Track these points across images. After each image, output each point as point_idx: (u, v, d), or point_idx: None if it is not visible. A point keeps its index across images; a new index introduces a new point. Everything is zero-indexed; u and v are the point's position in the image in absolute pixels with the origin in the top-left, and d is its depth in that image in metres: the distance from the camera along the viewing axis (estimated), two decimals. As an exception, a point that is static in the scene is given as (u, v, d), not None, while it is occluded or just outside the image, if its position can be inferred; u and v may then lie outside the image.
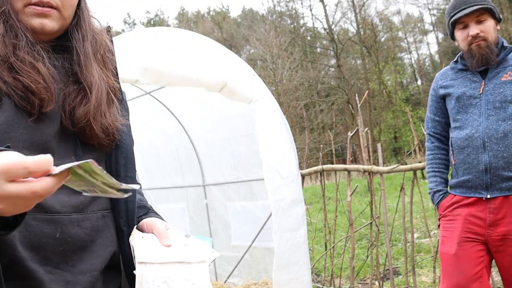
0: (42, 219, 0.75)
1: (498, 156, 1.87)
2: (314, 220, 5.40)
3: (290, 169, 3.02)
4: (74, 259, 0.78)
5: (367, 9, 24.22)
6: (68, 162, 0.79)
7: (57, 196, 0.78)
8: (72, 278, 0.77)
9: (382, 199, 3.21)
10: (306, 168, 3.78)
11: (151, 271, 0.79)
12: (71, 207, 0.79)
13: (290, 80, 21.33)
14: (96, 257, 0.82)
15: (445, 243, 2.00)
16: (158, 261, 0.80)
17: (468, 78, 2.01)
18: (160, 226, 0.89)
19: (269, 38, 21.72)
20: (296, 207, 3.01)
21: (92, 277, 0.80)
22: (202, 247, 0.87)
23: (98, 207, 0.86)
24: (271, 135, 2.97)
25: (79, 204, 0.81)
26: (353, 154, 3.91)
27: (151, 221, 0.92)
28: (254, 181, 3.80)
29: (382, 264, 3.62)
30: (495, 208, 1.88)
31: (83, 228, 0.80)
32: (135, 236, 0.86)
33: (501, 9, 14.44)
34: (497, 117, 1.90)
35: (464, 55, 2.02)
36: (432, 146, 2.16)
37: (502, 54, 1.96)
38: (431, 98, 2.19)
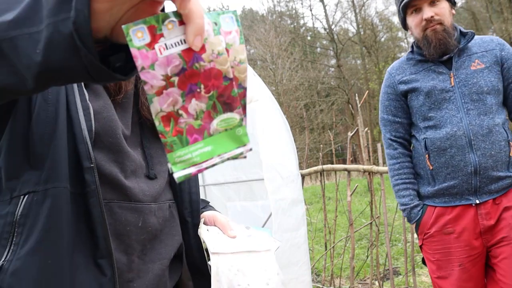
0: (127, 207, 0.76)
1: (487, 155, 1.66)
2: (314, 220, 5.40)
3: (290, 169, 3.02)
4: (149, 248, 0.80)
5: (367, 9, 24.25)
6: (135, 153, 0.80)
7: (139, 183, 0.79)
8: (143, 266, 0.78)
9: (382, 199, 3.21)
10: (306, 168, 3.78)
11: (225, 261, 0.82)
12: (150, 196, 0.81)
13: (290, 80, 21.34)
14: (164, 246, 0.83)
15: (442, 267, 1.74)
16: (229, 251, 0.84)
17: (432, 69, 1.77)
18: (222, 219, 0.92)
19: (269, 38, 21.72)
20: (296, 207, 3.01)
21: (162, 265, 0.81)
22: (264, 237, 0.91)
23: (166, 197, 0.87)
24: (271, 135, 2.97)
25: (155, 193, 0.82)
26: (353, 154, 3.92)
27: (212, 214, 0.94)
28: (254, 181, 3.80)
29: (382, 264, 3.62)
30: (487, 214, 1.68)
31: (157, 217, 0.82)
32: (202, 229, 0.88)
33: (501, 8, 14.44)
34: (478, 111, 1.68)
35: (419, 43, 1.79)
36: (397, 153, 1.86)
37: (462, 42, 1.76)
38: (388, 97, 1.89)
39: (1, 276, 0.65)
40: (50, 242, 0.66)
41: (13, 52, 0.50)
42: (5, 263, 0.65)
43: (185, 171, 0.50)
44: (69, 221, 0.68)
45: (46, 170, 0.68)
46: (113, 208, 0.75)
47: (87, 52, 0.47)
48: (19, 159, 0.68)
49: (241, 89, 0.53)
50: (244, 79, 0.53)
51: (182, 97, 0.50)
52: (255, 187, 3.77)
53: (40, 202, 0.67)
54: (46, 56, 0.48)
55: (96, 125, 0.74)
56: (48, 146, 0.68)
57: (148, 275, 0.79)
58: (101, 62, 0.49)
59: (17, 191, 0.68)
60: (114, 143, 0.77)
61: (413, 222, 1.81)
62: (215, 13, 0.52)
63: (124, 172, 0.77)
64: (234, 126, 0.52)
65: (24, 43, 0.49)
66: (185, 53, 0.49)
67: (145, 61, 0.48)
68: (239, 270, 0.82)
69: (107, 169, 0.75)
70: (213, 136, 0.52)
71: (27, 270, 0.65)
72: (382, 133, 1.93)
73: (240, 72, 0.52)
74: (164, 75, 0.49)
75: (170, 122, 0.50)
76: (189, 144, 0.51)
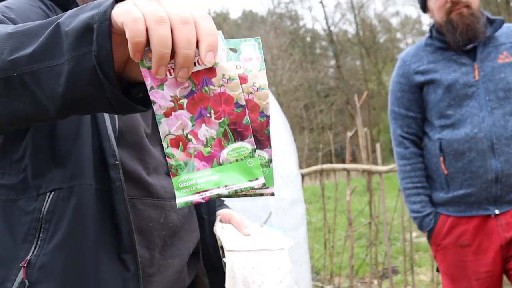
0: (149, 204, 0.78)
1: (511, 161, 1.46)
2: (313, 219, 5.42)
3: (290, 169, 3.05)
4: (169, 244, 0.82)
5: (366, 10, 24.28)
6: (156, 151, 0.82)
7: (160, 181, 0.81)
8: (163, 261, 0.80)
9: (381, 198, 3.24)
10: (306, 167, 3.81)
11: (240, 258, 0.83)
12: (170, 193, 0.82)
13: (290, 80, 21.36)
14: (183, 242, 0.85)
15: (457, 281, 1.57)
16: (244, 249, 0.85)
17: (454, 60, 1.55)
18: (237, 217, 0.93)
19: (269, 39, 21.75)
20: (296, 206, 3.04)
21: (181, 261, 0.83)
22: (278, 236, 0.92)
23: None
24: (271, 135, 3.00)
25: None
26: (352, 154, 3.95)
27: (227, 212, 0.96)
28: (254, 180, 3.82)
29: (381, 263, 3.65)
30: (507, 224, 1.50)
31: (178, 214, 0.84)
32: (218, 226, 0.90)
33: (499, 10, 14.51)
34: (503, 110, 1.48)
35: (441, 28, 1.56)
36: (408, 153, 1.64)
37: (489, 30, 1.54)
38: (400, 88, 1.65)
39: (29, 271, 0.67)
40: (75, 238, 0.68)
41: (36, 84, 0.52)
42: (32, 258, 0.67)
43: (187, 197, 0.48)
44: (94, 217, 0.70)
45: (71, 167, 0.70)
46: (136, 204, 0.76)
47: (109, 84, 0.48)
48: (45, 157, 0.70)
49: (263, 118, 0.51)
50: (266, 107, 0.51)
51: (192, 121, 0.49)
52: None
53: (66, 198, 0.69)
54: (69, 88, 0.50)
55: (120, 124, 0.76)
56: (73, 145, 0.70)
57: (168, 271, 0.80)
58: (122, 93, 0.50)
59: (43, 188, 0.69)
60: (137, 141, 0.79)
61: (425, 231, 1.63)
62: (237, 40, 0.52)
63: (146, 169, 0.79)
64: (245, 156, 0.50)
65: (46, 76, 0.51)
66: (194, 75, 0.48)
67: (154, 81, 0.48)
68: (253, 267, 0.84)
69: (130, 166, 0.76)
70: (222, 165, 0.49)
71: (53, 265, 0.67)
72: (392, 128, 1.69)
73: (261, 99, 0.51)
74: (173, 96, 0.48)
75: (179, 145, 0.50)
76: (196, 170, 0.49)
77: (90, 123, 0.72)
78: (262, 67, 0.52)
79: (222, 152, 0.50)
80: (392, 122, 1.70)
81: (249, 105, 0.50)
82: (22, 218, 0.69)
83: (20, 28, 0.55)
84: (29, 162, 0.70)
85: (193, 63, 0.48)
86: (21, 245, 0.68)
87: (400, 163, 1.68)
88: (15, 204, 0.70)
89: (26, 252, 0.68)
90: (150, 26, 0.46)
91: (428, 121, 1.64)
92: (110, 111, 0.53)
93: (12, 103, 0.55)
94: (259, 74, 0.51)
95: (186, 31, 0.47)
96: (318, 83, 22.80)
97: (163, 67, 0.47)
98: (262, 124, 0.51)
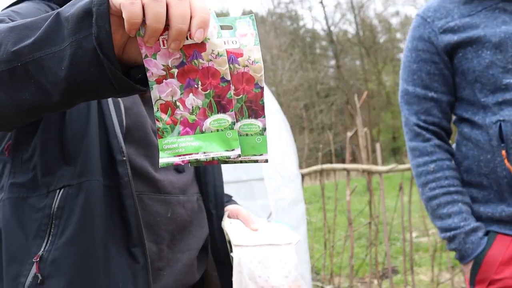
0: (156, 199, 0.80)
1: None
2: (313, 219, 5.43)
3: (290, 169, 3.05)
4: (178, 239, 0.83)
5: (366, 10, 24.29)
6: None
7: (168, 176, 0.83)
8: (172, 255, 0.82)
9: (381, 198, 3.24)
10: (306, 167, 3.81)
11: (247, 253, 0.85)
12: (178, 189, 0.84)
13: (290, 80, 21.37)
14: (192, 237, 0.86)
15: None
16: (252, 244, 0.87)
17: (502, 9, 1.10)
18: (245, 213, 0.96)
19: (269, 39, 21.76)
20: (296, 206, 3.05)
21: (190, 255, 0.85)
22: (285, 231, 0.94)
23: (194, 190, 0.91)
24: (271, 135, 3.01)
25: (183, 186, 0.86)
26: (352, 154, 3.96)
27: (235, 208, 0.98)
28: (254, 180, 3.83)
29: (381, 263, 3.65)
30: None
31: (186, 209, 0.85)
32: (226, 221, 0.92)
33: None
34: None
35: None
36: (431, 147, 1.15)
37: None
38: (418, 56, 1.17)
39: (41, 265, 0.69)
40: (85, 232, 0.70)
41: (40, 72, 0.54)
42: (44, 253, 0.69)
43: (169, 159, 0.53)
44: (102, 212, 0.72)
45: (79, 165, 0.71)
46: (143, 199, 0.78)
47: (110, 64, 0.51)
48: (54, 156, 0.72)
49: (258, 89, 0.55)
50: (261, 79, 0.55)
51: (181, 90, 0.53)
52: (255, 186, 3.80)
53: (75, 195, 0.71)
54: (72, 72, 0.52)
55: (127, 121, 0.78)
56: (81, 143, 0.72)
57: (177, 265, 0.82)
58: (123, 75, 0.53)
59: (53, 185, 0.72)
60: (144, 138, 0.80)
61: (470, 259, 1.08)
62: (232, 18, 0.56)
63: (153, 165, 0.81)
64: (225, 128, 0.54)
65: (49, 62, 0.53)
66: (186, 48, 0.52)
67: (148, 50, 0.52)
68: (260, 262, 0.85)
69: (137, 163, 0.78)
70: (204, 133, 0.54)
71: (65, 259, 0.69)
72: (404, 116, 1.21)
73: (256, 72, 0.55)
74: (165, 65, 0.52)
75: (167, 110, 0.54)
76: (179, 135, 0.54)
77: (97, 121, 0.74)
78: (257, 42, 0.55)
79: (205, 121, 0.54)
80: (405, 108, 1.20)
81: (245, 77, 0.54)
82: (33, 215, 0.71)
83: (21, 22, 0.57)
84: (38, 161, 0.72)
85: (185, 37, 0.51)
86: (32, 241, 0.71)
87: (419, 161, 1.16)
88: (26, 202, 0.72)
89: (38, 248, 0.70)
90: (147, 3, 0.49)
91: (469, 103, 1.14)
92: (112, 93, 0.55)
93: (17, 94, 0.56)
94: (254, 48, 0.55)
95: (181, 8, 0.49)
96: (318, 83, 22.81)
97: (153, 38, 0.51)
98: (256, 95, 0.55)
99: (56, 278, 0.68)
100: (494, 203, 1.10)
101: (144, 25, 0.50)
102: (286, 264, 0.87)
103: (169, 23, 0.50)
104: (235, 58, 0.54)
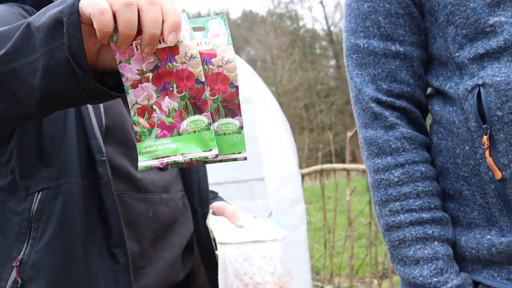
0: (138, 198, 0.80)
1: None
2: (313, 219, 5.43)
3: (290, 169, 3.06)
4: (161, 237, 0.83)
5: (367, 10, 24.24)
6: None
7: (150, 175, 0.82)
8: (154, 254, 0.81)
9: (381, 198, 3.24)
10: (306, 167, 3.81)
11: (232, 250, 0.85)
12: (161, 187, 0.84)
13: (290, 80, 21.38)
14: (176, 235, 0.86)
15: None
16: (236, 241, 0.86)
17: None
18: (230, 209, 0.95)
19: (269, 39, 21.77)
20: (296, 206, 3.05)
21: (174, 253, 0.84)
22: (272, 227, 0.93)
23: (178, 188, 0.90)
24: (271, 135, 3.01)
25: (166, 184, 0.86)
26: (352, 154, 3.95)
27: (221, 205, 0.98)
28: (254, 180, 3.84)
29: (381, 263, 3.65)
30: None
31: (170, 207, 0.85)
32: (211, 219, 0.92)
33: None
34: None
35: None
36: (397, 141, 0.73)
37: None
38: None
39: (21, 269, 0.69)
40: (65, 235, 0.70)
41: (13, 83, 0.54)
42: (24, 257, 0.69)
43: (148, 162, 0.53)
44: (82, 213, 0.71)
45: (57, 167, 0.71)
46: (124, 199, 0.78)
47: (83, 73, 0.51)
48: (32, 159, 0.72)
49: (233, 88, 0.56)
50: (235, 78, 0.56)
51: (156, 93, 0.54)
52: (255, 186, 3.80)
53: (53, 197, 0.70)
54: (46, 82, 0.52)
55: (107, 120, 0.77)
56: (59, 145, 0.72)
57: (160, 263, 0.81)
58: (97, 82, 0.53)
59: (32, 188, 0.71)
60: (125, 137, 0.80)
61: None
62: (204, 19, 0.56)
63: (134, 165, 0.80)
64: (202, 128, 0.54)
65: (23, 73, 0.53)
66: (159, 52, 0.53)
67: (122, 55, 0.52)
68: (245, 259, 0.85)
69: (118, 162, 0.78)
70: (181, 135, 0.54)
71: (45, 262, 0.68)
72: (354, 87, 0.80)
73: (230, 71, 0.56)
74: (139, 70, 0.53)
75: (144, 114, 0.54)
76: (157, 138, 0.54)
77: (75, 122, 0.74)
78: (229, 42, 0.56)
79: (182, 123, 0.54)
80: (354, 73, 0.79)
81: (219, 77, 0.55)
82: (13, 219, 0.71)
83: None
84: (16, 164, 0.72)
85: (158, 41, 0.51)
86: (13, 245, 0.70)
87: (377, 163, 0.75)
88: (6, 205, 0.72)
89: (18, 252, 0.70)
90: (118, 10, 0.49)
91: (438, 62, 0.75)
92: (86, 100, 0.56)
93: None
94: (227, 48, 0.55)
95: (153, 12, 0.50)
96: (318, 83, 22.81)
97: (126, 44, 0.51)
98: (232, 94, 0.56)
99: (36, 281, 0.68)
100: (479, 227, 0.69)
101: (116, 32, 0.51)
102: (271, 260, 0.87)
103: (142, 28, 0.50)
104: (209, 59, 0.55)
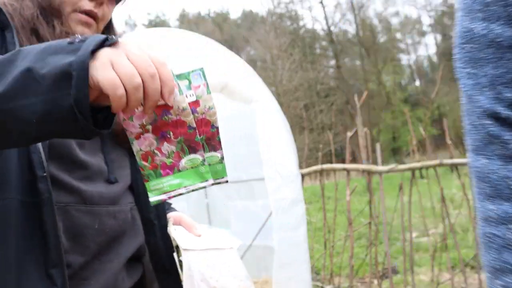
0: (83, 211, 0.79)
1: None
2: (313, 219, 5.43)
3: (290, 169, 3.05)
4: (106, 249, 0.82)
5: (366, 10, 24.29)
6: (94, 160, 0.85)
7: (96, 187, 0.82)
8: (99, 266, 0.80)
9: (381, 198, 3.24)
10: (306, 167, 3.81)
11: (196, 256, 0.89)
12: (108, 199, 0.83)
13: (290, 80, 21.36)
14: (122, 247, 0.85)
15: None
16: (198, 248, 0.91)
17: None
18: (187, 219, 0.98)
19: (269, 39, 21.76)
20: (296, 206, 3.05)
21: (119, 264, 0.83)
22: (227, 236, 0.99)
23: (127, 200, 0.90)
24: (271, 135, 3.00)
25: (114, 196, 0.85)
26: (352, 154, 3.93)
27: (178, 215, 0.99)
28: (254, 180, 3.83)
29: (381, 263, 3.65)
30: None
31: (117, 219, 0.84)
32: (171, 227, 0.95)
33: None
34: None
35: None
36: None
37: None
38: None
39: None
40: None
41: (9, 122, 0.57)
42: None
43: (158, 197, 0.64)
44: (18, 232, 0.69)
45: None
46: (69, 211, 0.76)
47: (85, 121, 0.55)
48: None
49: (214, 129, 0.68)
50: (215, 120, 0.68)
51: (157, 141, 0.64)
52: (255, 186, 3.80)
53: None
54: (44, 125, 0.56)
55: None
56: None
57: (105, 274, 0.80)
58: None
59: None
60: (68, 153, 0.79)
61: None
62: (186, 73, 0.66)
63: (77, 179, 0.79)
64: (198, 165, 0.65)
65: (19, 114, 0.55)
66: (156, 109, 0.62)
67: (125, 115, 0.61)
68: (208, 265, 0.88)
69: (60, 176, 0.76)
70: (181, 172, 0.65)
71: None
72: (465, 94, 0.51)
73: (211, 116, 0.67)
74: (140, 124, 0.63)
75: (147, 159, 0.64)
76: (162, 176, 0.64)
77: None
78: (208, 91, 0.66)
79: (181, 161, 0.65)
80: (464, 71, 0.52)
81: (203, 122, 0.67)
82: None
83: None
84: None
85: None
86: None
87: (486, 210, 0.48)
88: None
89: None
90: (129, 90, 0.56)
91: None
92: (79, 138, 0.61)
93: None
94: (207, 97, 0.66)
95: (155, 84, 0.57)
96: (318, 83, 22.80)
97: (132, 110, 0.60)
98: (213, 133, 0.68)
99: None
100: None
101: None
102: (230, 267, 0.91)
103: (145, 95, 0.58)
104: (195, 109, 0.65)
